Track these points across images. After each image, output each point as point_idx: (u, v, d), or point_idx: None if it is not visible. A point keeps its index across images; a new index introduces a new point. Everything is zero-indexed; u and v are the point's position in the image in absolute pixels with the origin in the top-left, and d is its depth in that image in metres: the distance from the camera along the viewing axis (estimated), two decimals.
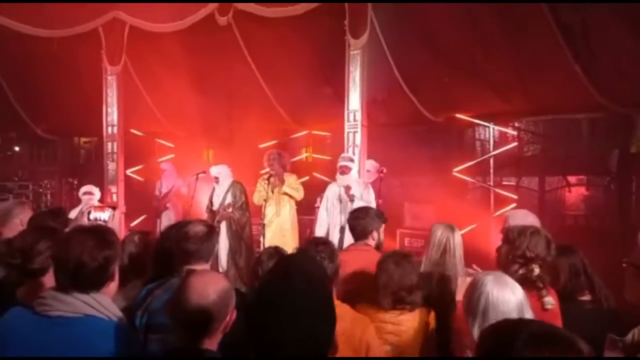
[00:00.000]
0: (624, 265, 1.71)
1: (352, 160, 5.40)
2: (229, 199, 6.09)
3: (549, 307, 2.25)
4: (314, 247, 2.50)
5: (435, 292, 2.72)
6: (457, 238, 2.95)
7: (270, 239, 5.73)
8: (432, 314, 2.56)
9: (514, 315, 1.69)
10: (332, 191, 5.44)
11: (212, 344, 1.65)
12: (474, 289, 1.82)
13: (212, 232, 2.35)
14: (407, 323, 2.47)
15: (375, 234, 3.29)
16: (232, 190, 6.15)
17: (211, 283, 1.67)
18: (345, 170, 5.31)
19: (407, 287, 2.48)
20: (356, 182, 5.31)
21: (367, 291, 2.63)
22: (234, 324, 1.69)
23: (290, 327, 1.26)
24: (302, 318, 1.28)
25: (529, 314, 1.78)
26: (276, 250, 2.88)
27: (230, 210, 6.01)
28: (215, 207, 6.12)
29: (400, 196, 5.55)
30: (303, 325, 1.27)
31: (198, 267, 2.26)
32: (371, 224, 3.27)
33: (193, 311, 1.60)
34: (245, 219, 6.16)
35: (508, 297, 1.77)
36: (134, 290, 2.37)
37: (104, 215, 3.06)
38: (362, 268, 2.92)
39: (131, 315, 2.09)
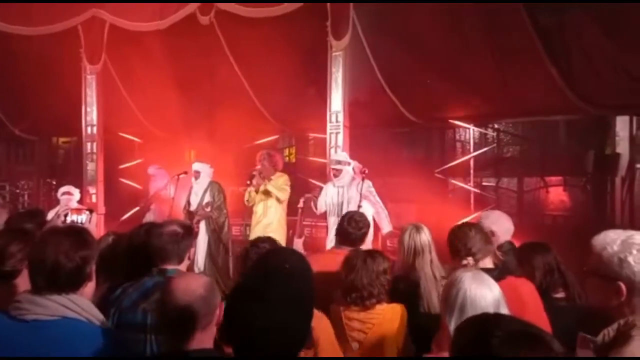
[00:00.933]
0: (585, 270, 1.74)
1: (339, 162, 5.36)
2: (207, 199, 6.06)
3: None
4: (256, 245, 2.53)
5: (404, 295, 2.74)
6: (424, 237, 2.95)
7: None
8: (402, 308, 2.57)
9: (491, 311, 1.73)
10: (330, 196, 5.36)
11: (205, 340, 1.65)
12: (452, 285, 1.86)
13: (187, 232, 2.34)
14: (372, 320, 2.48)
15: (366, 241, 3.31)
16: (210, 189, 6.12)
17: (193, 279, 1.69)
18: (336, 174, 5.29)
19: (373, 283, 2.50)
20: (353, 182, 5.27)
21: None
22: None
23: (267, 317, 1.31)
24: (279, 310, 1.33)
25: (505, 310, 1.81)
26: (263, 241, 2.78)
27: (208, 209, 5.98)
28: (193, 207, 6.08)
29: (382, 197, 5.57)
30: (279, 317, 1.32)
31: (170, 267, 2.25)
32: (365, 237, 3.26)
33: (181, 308, 1.60)
34: (224, 219, 6.14)
35: (485, 293, 1.80)
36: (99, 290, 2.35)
37: (80, 218, 3.01)
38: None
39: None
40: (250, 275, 1.46)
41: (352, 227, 3.17)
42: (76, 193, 5.94)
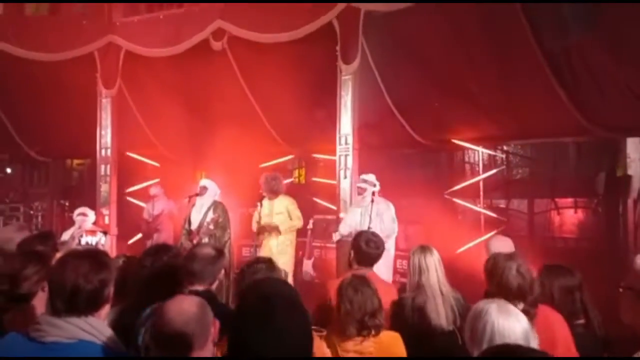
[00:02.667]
0: (621, 290, 1.73)
1: (365, 181, 5.36)
2: (209, 217, 6.00)
3: None
4: (252, 266, 2.54)
5: (410, 320, 2.74)
6: (431, 259, 2.95)
7: None
8: (397, 336, 2.55)
9: (521, 343, 1.67)
10: (355, 220, 5.33)
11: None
12: (477, 318, 1.80)
13: (219, 255, 2.40)
14: (369, 348, 2.46)
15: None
16: (214, 208, 6.00)
17: (185, 300, 1.73)
18: (360, 192, 5.33)
19: (369, 312, 2.48)
20: (380, 203, 5.28)
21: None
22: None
23: (274, 344, 1.34)
24: (286, 337, 1.36)
25: (534, 342, 1.78)
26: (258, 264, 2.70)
27: (212, 227, 5.90)
28: (194, 225, 5.92)
29: None
30: (286, 341, 1.35)
31: (201, 287, 2.29)
32: (381, 256, 3.31)
33: (176, 329, 1.62)
34: (226, 239, 5.97)
35: (514, 325, 1.75)
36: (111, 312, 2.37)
37: (94, 239, 3.08)
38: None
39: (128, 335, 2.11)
40: (252, 299, 1.48)
41: (370, 247, 3.23)
42: (91, 214, 6.02)
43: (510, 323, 1.75)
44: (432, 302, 2.85)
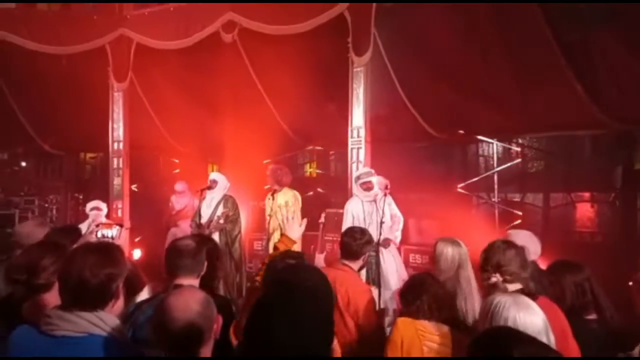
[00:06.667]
0: (631, 284, 1.71)
1: (370, 174, 5.31)
2: (219, 211, 5.96)
3: None
4: (283, 260, 2.47)
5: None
6: (464, 251, 2.96)
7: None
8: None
9: (543, 337, 1.68)
10: (356, 209, 5.30)
11: (207, 353, 1.66)
12: (495, 313, 1.79)
13: (201, 246, 2.36)
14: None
15: (364, 258, 3.29)
16: (225, 202, 6.00)
17: (190, 296, 1.67)
18: (370, 186, 5.26)
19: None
20: (379, 196, 5.24)
21: None
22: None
23: (290, 333, 1.30)
24: (302, 326, 1.32)
25: (552, 335, 1.76)
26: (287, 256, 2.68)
27: (222, 221, 5.90)
28: (204, 219, 5.93)
29: (404, 212, 5.53)
30: (302, 333, 1.31)
31: (187, 282, 2.26)
32: (366, 248, 3.26)
33: (182, 328, 1.59)
34: (237, 233, 6.01)
35: (536, 319, 1.75)
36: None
37: (111, 232, 3.07)
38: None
39: None
40: (273, 290, 1.45)
41: (353, 239, 3.21)
42: (104, 208, 6.04)
43: (532, 318, 1.74)
44: (470, 297, 2.81)
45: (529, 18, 5.19)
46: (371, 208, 5.27)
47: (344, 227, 5.37)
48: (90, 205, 6.02)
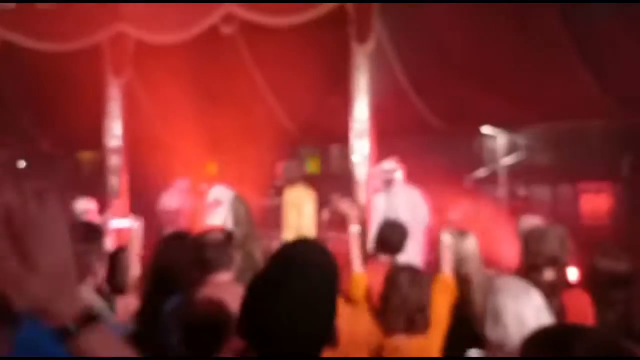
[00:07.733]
0: None
1: (395, 169, 5.16)
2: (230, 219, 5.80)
3: None
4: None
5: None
6: (470, 243, 2.86)
7: None
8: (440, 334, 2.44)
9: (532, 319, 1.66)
10: (383, 208, 5.15)
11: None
12: (489, 295, 1.80)
13: (229, 238, 2.27)
14: (416, 346, 2.34)
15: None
16: (234, 206, 5.86)
17: (227, 291, 1.65)
18: (389, 183, 5.08)
19: (421, 307, 2.34)
20: (405, 192, 5.08)
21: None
22: None
23: (287, 308, 1.17)
24: (300, 301, 1.18)
25: (546, 316, 1.72)
26: None
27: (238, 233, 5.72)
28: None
29: None
30: (300, 309, 1.18)
31: (219, 276, 2.14)
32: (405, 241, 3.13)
33: (216, 323, 1.59)
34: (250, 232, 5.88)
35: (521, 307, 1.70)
36: None
37: (124, 223, 2.95)
38: None
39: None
40: (271, 264, 1.30)
41: (393, 233, 3.07)
42: (92, 206, 5.83)
43: (518, 306, 1.69)
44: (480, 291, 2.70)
45: (538, 5, 5.11)
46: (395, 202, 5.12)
47: (374, 223, 5.22)
48: (78, 206, 5.68)
